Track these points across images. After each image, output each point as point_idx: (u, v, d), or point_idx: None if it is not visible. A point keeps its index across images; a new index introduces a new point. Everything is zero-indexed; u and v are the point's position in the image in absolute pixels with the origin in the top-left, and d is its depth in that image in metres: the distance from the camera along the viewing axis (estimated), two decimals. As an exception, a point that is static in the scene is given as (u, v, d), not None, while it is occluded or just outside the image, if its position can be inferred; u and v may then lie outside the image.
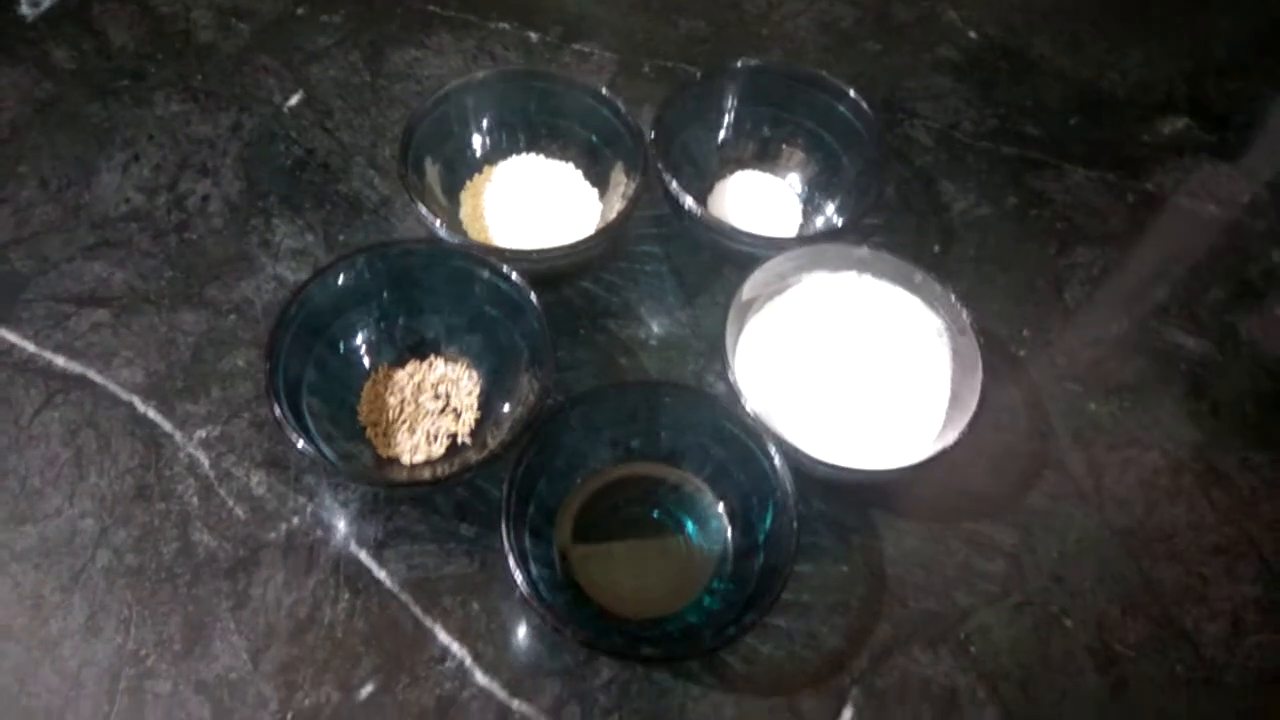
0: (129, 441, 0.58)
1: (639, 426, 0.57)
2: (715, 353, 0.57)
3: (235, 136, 0.70)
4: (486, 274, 0.57)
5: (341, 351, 0.58)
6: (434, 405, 0.58)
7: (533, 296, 0.55)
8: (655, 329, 0.65)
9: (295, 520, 0.55)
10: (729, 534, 0.55)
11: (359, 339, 0.59)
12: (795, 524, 0.50)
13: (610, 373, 0.63)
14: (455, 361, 0.60)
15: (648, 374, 0.63)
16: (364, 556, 0.55)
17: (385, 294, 0.58)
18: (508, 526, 0.49)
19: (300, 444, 0.50)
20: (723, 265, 0.67)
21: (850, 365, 0.58)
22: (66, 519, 0.55)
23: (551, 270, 0.63)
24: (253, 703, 0.50)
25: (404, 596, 0.54)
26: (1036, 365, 0.65)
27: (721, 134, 0.69)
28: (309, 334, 0.56)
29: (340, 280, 0.56)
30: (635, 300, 0.66)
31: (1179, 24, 0.86)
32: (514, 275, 0.56)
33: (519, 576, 0.48)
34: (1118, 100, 0.80)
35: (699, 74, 0.67)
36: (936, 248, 0.69)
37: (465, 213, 0.65)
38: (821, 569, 0.57)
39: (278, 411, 0.51)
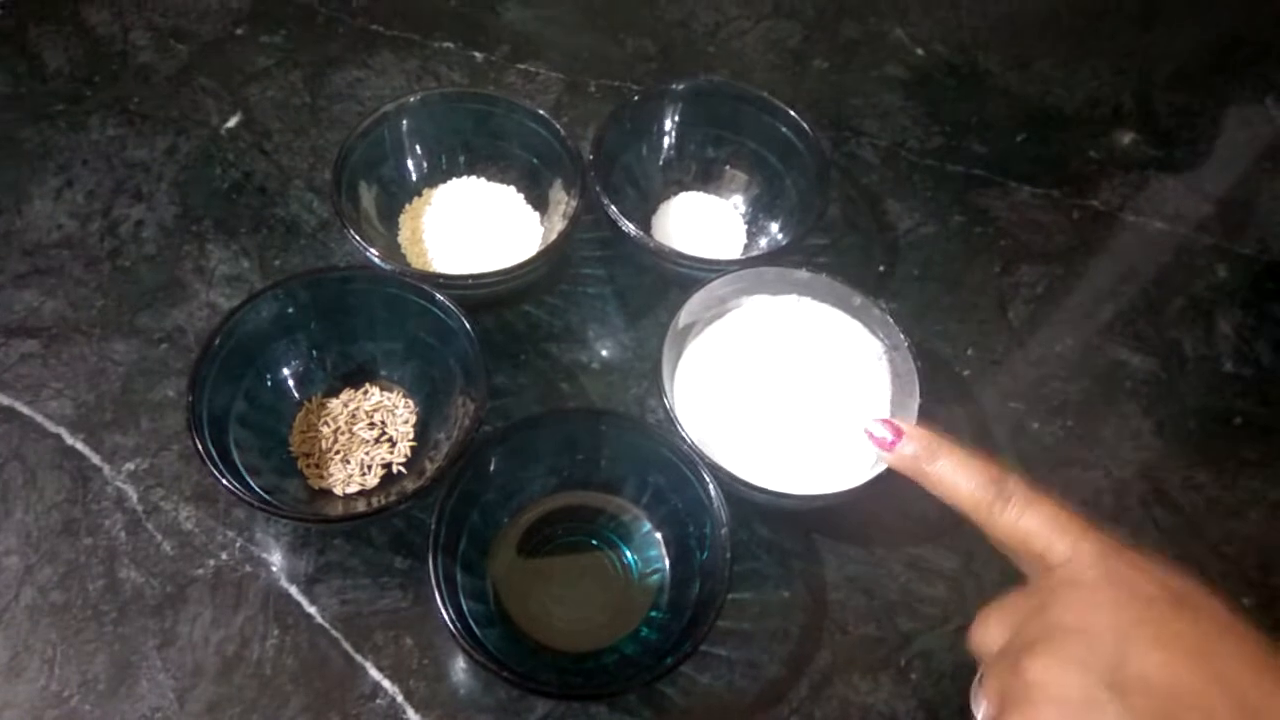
0: (56, 475, 0.56)
1: (577, 455, 0.56)
2: (659, 375, 0.56)
3: (171, 160, 0.69)
4: (418, 300, 0.56)
5: (272, 382, 0.57)
6: (369, 434, 0.57)
7: (465, 321, 0.55)
8: (598, 352, 0.64)
9: (224, 555, 0.54)
10: (667, 563, 0.55)
11: (291, 368, 0.58)
12: (729, 553, 0.50)
13: (552, 398, 0.62)
14: (391, 389, 0.59)
15: (590, 399, 0.62)
16: (294, 592, 0.54)
17: (317, 322, 0.57)
18: (435, 560, 0.48)
19: (224, 481, 0.49)
20: (667, 287, 0.66)
21: (790, 390, 0.58)
22: (-10, 556, 0.54)
23: (491, 295, 0.62)
24: (178, 744, 0.49)
25: (335, 632, 0.53)
26: (980, 385, 0.65)
27: (663, 155, 0.68)
28: (237, 364, 0.55)
29: (270, 309, 0.55)
30: (578, 323, 0.65)
31: (1127, 40, 0.87)
32: (446, 300, 0.55)
33: (446, 614, 0.47)
34: (1065, 116, 0.80)
35: (635, 95, 0.66)
36: (881, 267, 0.69)
37: (404, 237, 0.64)
38: (763, 595, 0.56)
39: (200, 447, 0.50)
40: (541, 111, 0.64)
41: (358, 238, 0.57)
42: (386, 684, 0.51)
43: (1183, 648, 0.37)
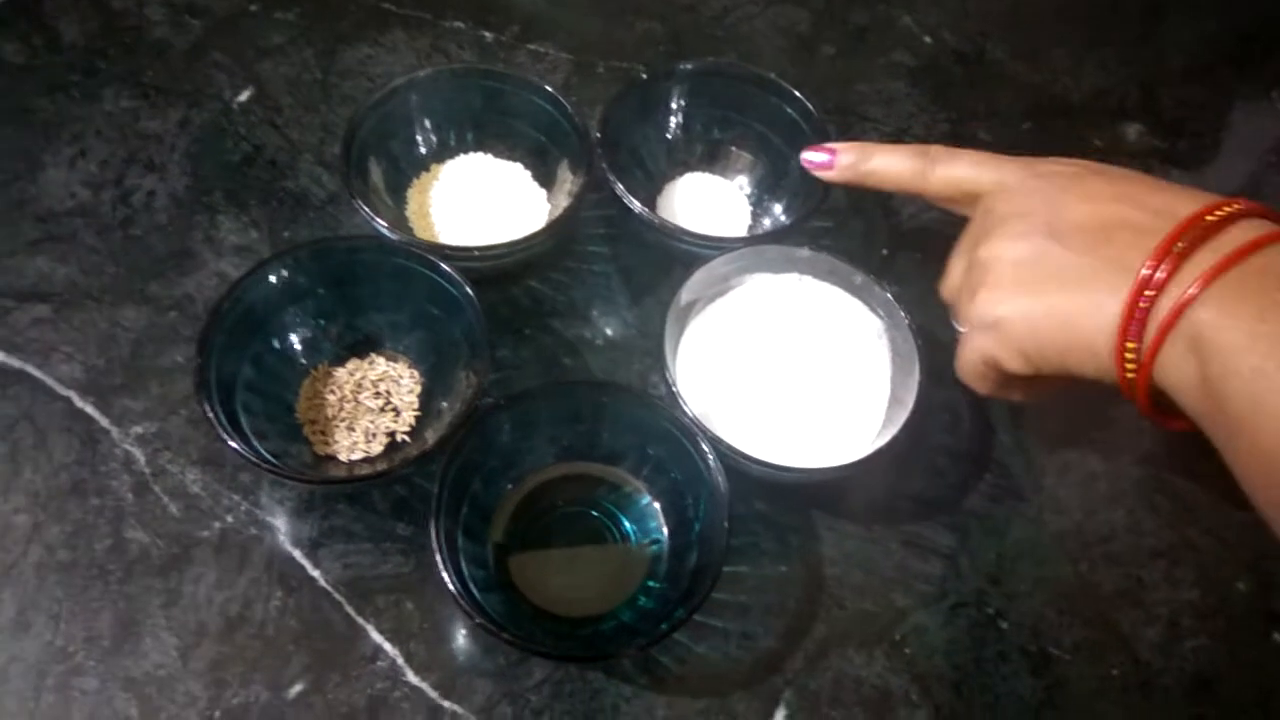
0: (65, 437, 0.57)
1: (578, 426, 0.57)
2: (661, 351, 0.57)
3: (183, 132, 0.70)
4: (425, 271, 0.57)
5: (279, 348, 0.58)
6: (374, 403, 0.58)
7: (470, 292, 0.55)
8: (602, 329, 0.65)
9: (229, 518, 0.55)
10: (665, 533, 0.55)
11: (298, 336, 0.58)
12: (726, 523, 0.50)
13: (555, 372, 0.62)
14: (396, 359, 0.60)
15: (593, 374, 0.63)
16: (298, 555, 0.54)
17: (325, 290, 0.58)
18: (437, 525, 0.49)
19: (232, 444, 0.50)
20: (671, 266, 0.66)
21: (790, 366, 0.58)
22: (0, 514, 0.55)
23: (496, 269, 0.63)
24: (181, 700, 0.50)
25: (337, 595, 0.53)
26: (980, 368, 0.65)
27: (670, 135, 0.69)
28: (246, 331, 0.55)
29: (278, 277, 0.56)
30: (582, 300, 0.66)
31: (1136, 31, 0.87)
32: (451, 272, 0.56)
33: (447, 576, 0.48)
34: (1071, 106, 0.81)
35: (643, 76, 0.67)
36: (884, 251, 0.70)
37: (412, 211, 0.65)
38: (760, 569, 0.57)
39: (208, 410, 0.50)
40: (550, 89, 0.64)
41: (366, 209, 0.58)
42: (387, 646, 0.52)
43: (1104, 195, 0.44)
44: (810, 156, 0.59)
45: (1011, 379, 0.49)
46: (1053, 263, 0.44)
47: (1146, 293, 0.41)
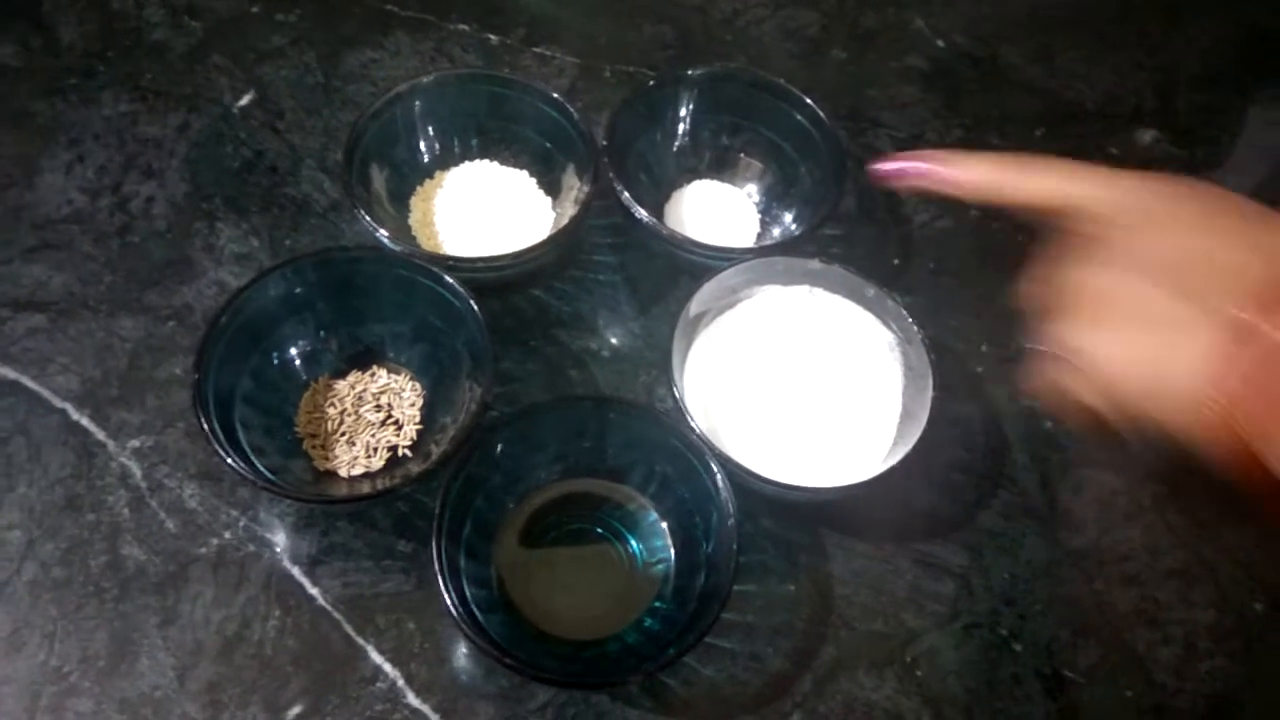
0: (60, 451, 0.56)
1: (584, 442, 0.55)
2: (668, 365, 0.56)
3: (183, 137, 0.69)
4: (427, 282, 0.56)
5: (279, 361, 0.57)
6: (375, 417, 0.57)
7: (474, 305, 0.54)
8: (608, 340, 0.63)
9: (227, 535, 0.54)
10: (672, 553, 0.54)
11: (298, 348, 0.57)
12: (735, 544, 0.49)
13: (560, 385, 0.61)
14: (398, 372, 0.59)
15: (599, 386, 0.62)
16: (297, 573, 0.53)
17: (325, 302, 0.57)
18: (439, 544, 0.48)
19: (229, 460, 0.49)
20: (679, 276, 0.65)
21: (801, 381, 0.57)
22: (-7, 530, 0.54)
23: (500, 279, 0.62)
24: (177, 723, 0.49)
25: (336, 615, 0.52)
26: (994, 381, 0.64)
27: (677, 142, 0.68)
28: (245, 343, 0.54)
29: (278, 287, 0.55)
30: (588, 310, 0.64)
31: (1151, 36, 0.85)
32: (454, 283, 0.55)
33: (448, 599, 0.46)
34: (1086, 112, 0.79)
35: (651, 81, 0.65)
36: (896, 260, 0.68)
37: (415, 219, 0.64)
38: (768, 589, 0.56)
39: (206, 425, 0.49)
40: (556, 95, 0.63)
41: (368, 218, 0.57)
42: (387, 667, 0.51)
43: (1192, 226, 0.41)
44: (880, 166, 0.52)
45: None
46: (1139, 298, 0.41)
47: (1237, 339, 0.39)
